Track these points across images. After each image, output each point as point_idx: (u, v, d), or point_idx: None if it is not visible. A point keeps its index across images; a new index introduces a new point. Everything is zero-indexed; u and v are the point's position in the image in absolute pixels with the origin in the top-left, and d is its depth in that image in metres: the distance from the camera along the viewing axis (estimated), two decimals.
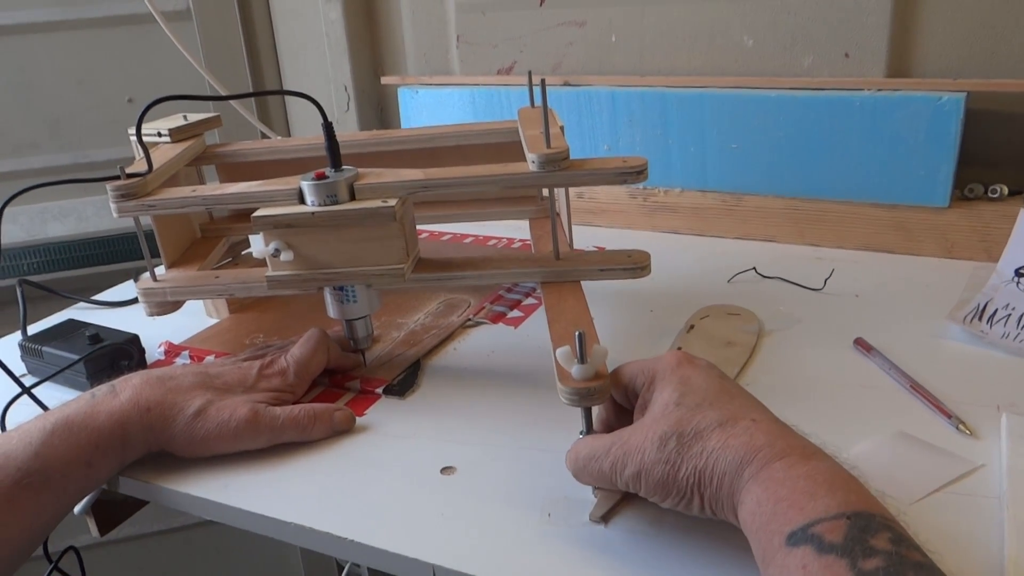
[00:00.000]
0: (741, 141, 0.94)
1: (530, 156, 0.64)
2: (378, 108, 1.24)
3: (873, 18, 0.87)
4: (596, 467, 0.48)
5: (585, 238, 0.98)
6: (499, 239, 1.00)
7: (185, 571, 1.59)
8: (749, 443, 0.43)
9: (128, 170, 0.69)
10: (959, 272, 0.82)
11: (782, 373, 0.66)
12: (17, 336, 0.79)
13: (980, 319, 0.70)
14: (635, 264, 0.66)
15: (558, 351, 0.52)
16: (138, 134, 0.70)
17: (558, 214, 0.79)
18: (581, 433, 0.53)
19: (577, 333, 0.51)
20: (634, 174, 0.63)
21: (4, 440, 0.55)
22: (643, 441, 0.46)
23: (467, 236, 1.02)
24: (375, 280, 0.66)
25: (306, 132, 1.31)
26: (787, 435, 0.44)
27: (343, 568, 1.45)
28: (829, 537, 0.37)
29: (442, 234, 1.03)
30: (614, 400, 0.54)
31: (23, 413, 0.63)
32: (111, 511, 0.69)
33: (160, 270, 0.75)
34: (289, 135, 1.33)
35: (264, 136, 1.23)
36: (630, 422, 0.52)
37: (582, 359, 0.51)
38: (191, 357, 0.75)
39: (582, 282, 0.67)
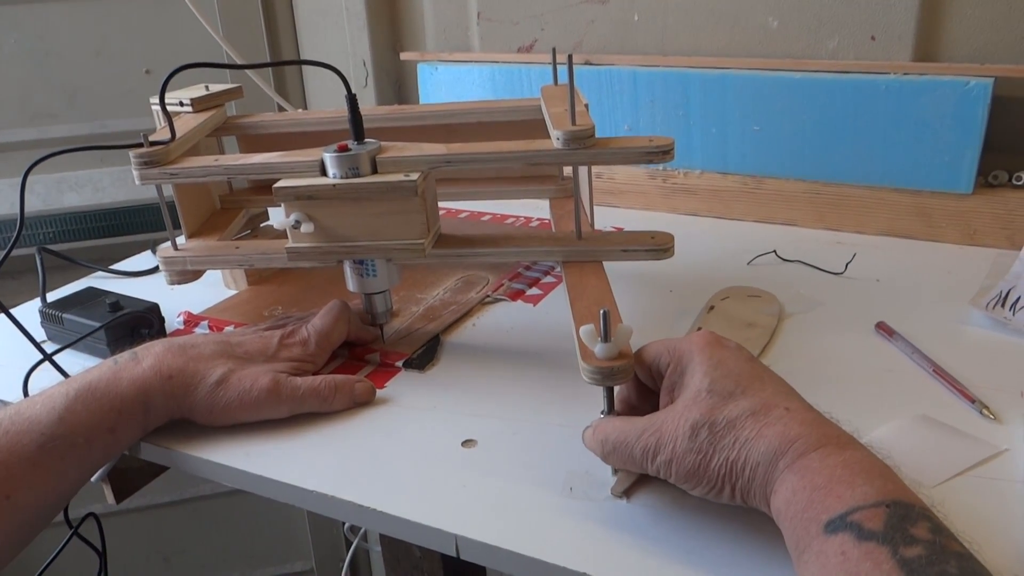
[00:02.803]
0: (763, 123, 0.93)
1: (555, 133, 0.63)
2: (396, 84, 1.24)
3: (900, 1, 0.86)
4: (627, 452, 0.48)
5: (603, 219, 0.98)
6: (516, 218, 0.99)
7: (195, 542, 1.61)
8: (784, 433, 0.43)
9: (151, 138, 0.69)
10: (981, 259, 0.81)
11: (803, 356, 0.66)
12: (37, 303, 0.80)
13: (1003, 306, 0.69)
14: (658, 245, 0.66)
15: (581, 329, 0.51)
16: (161, 102, 0.69)
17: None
18: (602, 413, 0.53)
19: (602, 311, 0.50)
20: (660, 154, 0.62)
21: (28, 405, 0.56)
22: (675, 429, 0.46)
23: (484, 214, 1.01)
24: (395, 254, 0.66)
25: (323, 106, 1.30)
26: (822, 424, 0.44)
27: (351, 543, 1.47)
28: (868, 525, 0.37)
29: (459, 212, 1.03)
30: (637, 379, 0.53)
31: (44, 379, 0.63)
32: (127, 479, 0.70)
33: (180, 239, 0.75)
34: (306, 108, 1.32)
35: (281, 109, 1.23)
36: (653, 401, 0.52)
37: (606, 338, 0.50)
38: (210, 327, 0.76)
39: (603, 262, 0.67)
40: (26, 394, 0.65)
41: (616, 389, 0.53)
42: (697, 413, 0.45)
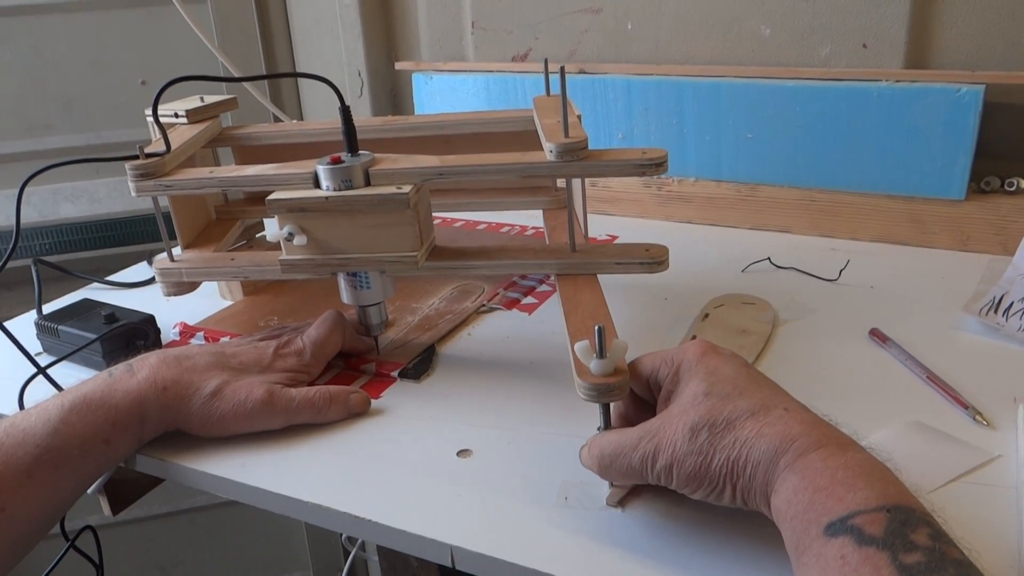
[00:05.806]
0: (757, 131, 0.93)
1: (547, 145, 0.63)
2: (391, 94, 1.24)
3: (892, 8, 0.87)
4: (625, 463, 0.47)
5: (598, 227, 0.98)
6: (512, 226, 1.00)
7: (192, 553, 1.60)
8: (784, 432, 0.43)
9: (147, 150, 0.69)
10: (974, 265, 0.81)
11: (797, 362, 0.66)
12: (32, 315, 0.80)
13: (996, 311, 0.70)
14: (652, 259, 0.65)
15: (576, 345, 0.50)
16: (155, 114, 0.70)
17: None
18: (599, 429, 0.53)
19: (596, 327, 0.50)
20: (654, 166, 0.62)
21: (23, 417, 0.56)
22: (673, 433, 0.46)
23: (480, 223, 1.02)
24: (388, 267, 0.66)
25: (319, 116, 1.31)
26: (821, 425, 0.44)
27: (349, 553, 1.46)
28: (869, 529, 0.37)
29: (454, 221, 1.03)
30: (633, 393, 0.53)
31: (40, 393, 0.63)
32: (123, 491, 0.70)
33: (176, 251, 0.75)
34: (301, 119, 1.33)
35: (277, 120, 1.23)
36: (649, 414, 0.52)
37: (601, 354, 0.50)
38: (206, 338, 0.76)
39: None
40: (22, 407, 0.65)
41: (612, 405, 0.53)
42: (695, 415, 0.45)
